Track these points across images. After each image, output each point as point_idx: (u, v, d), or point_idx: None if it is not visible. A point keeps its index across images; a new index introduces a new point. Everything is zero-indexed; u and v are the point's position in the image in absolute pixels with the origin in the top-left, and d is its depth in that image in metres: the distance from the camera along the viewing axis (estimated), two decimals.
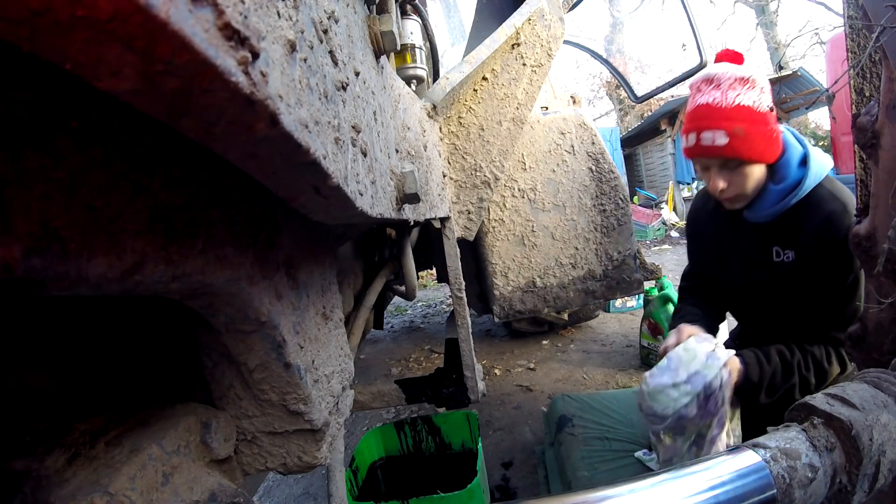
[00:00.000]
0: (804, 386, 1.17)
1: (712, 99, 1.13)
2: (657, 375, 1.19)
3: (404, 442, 1.58)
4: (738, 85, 1.12)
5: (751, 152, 1.13)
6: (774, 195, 1.18)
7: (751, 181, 1.17)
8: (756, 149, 1.13)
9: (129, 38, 0.17)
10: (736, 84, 1.12)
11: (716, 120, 1.12)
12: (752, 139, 1.11)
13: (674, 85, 2.20)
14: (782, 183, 1.17)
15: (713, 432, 1.11)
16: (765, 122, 1.12)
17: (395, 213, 0.60)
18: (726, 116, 1.11)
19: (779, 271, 1.23)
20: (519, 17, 1.39)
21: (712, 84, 1.15)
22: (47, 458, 0.39)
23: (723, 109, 1.12)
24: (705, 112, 1.14)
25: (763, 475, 0.65)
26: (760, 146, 1.13)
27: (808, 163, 1.17)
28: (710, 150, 1.14)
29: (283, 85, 0.25)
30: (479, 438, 1.36)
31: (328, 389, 0.65)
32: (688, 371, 1.14)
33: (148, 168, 0.32)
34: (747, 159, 1.14)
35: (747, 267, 1.31)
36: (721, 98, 1.12)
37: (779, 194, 1.17)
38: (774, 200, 1.18)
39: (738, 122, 1.11)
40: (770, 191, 1.18)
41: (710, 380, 1.12)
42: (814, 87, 8.53)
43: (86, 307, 0.50)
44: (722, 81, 1.13)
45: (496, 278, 1.64)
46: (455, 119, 1.36)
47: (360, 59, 0.48)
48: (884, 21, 0.77)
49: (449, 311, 3.46)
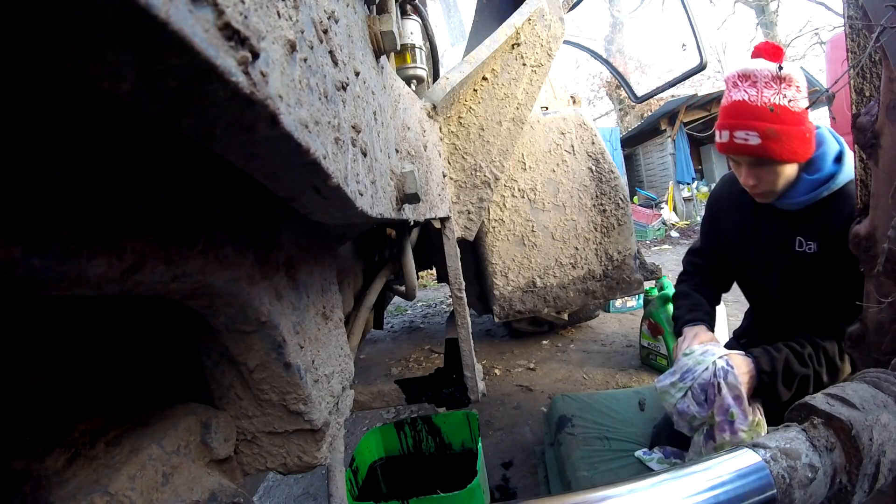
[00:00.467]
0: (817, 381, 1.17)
1: (748, 96, 1.12)
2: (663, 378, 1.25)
3: (404, 442, 1.58)
4: (774, 83, 1.10)
5: (783, 153, 1.12)
6: (807, 185, 1.17)
7: (781, 179, 1.17)
8: (789, 149, 1.12)
9: (129, 38, 0.17)
10: (772, 82, 1.10)
11: (749, 119, 1.11)
12: (785, 140, 1.10)
13: (674, 85, 2.20)
14: (816, 174, 1.16)
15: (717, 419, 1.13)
16: (799, 121, 1.11)
17: (395, 213, 0.60)
18: (760, 116, 1.10)
19: (799, 261, 1.23)
20: (519, 17, 1.39)
21: (748, 80, 1.13)
22: (47, 458, 0.39)
23: (757, 108, 1.10)
24: (739, 110, 1.13)
25: (763, 475, 0.65)
26: (793, 146, 1.12)
27: (843, 159, 1.16)
28: (743, 149, 1.14)
29: (283, 85, 0.25)
30: (479, 438, 1.36)
31: (328, 389, 0.65)
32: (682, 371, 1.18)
33: (148, 168, 0.32)
34: (779, 160, 1.13)
35: (767, 253, 1.31)
36: (756, 96, 1.11)
37: (811, 184, 1.17)
38: (806, 190, 1.17)
39: (772, 122, 1.09)
40: (803, 180, 1.17)
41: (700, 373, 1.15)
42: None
43: (86, 307, 0.50)
44: (758, 78, 1.11)
45: (496, 278, 1.64)
46: (455, 119, 1.36)
47: (360, 59, 0.48)
48: (884, 21, 0.77)
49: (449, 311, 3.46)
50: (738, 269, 1.45)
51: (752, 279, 1.42)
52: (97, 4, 0.15)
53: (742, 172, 1.21)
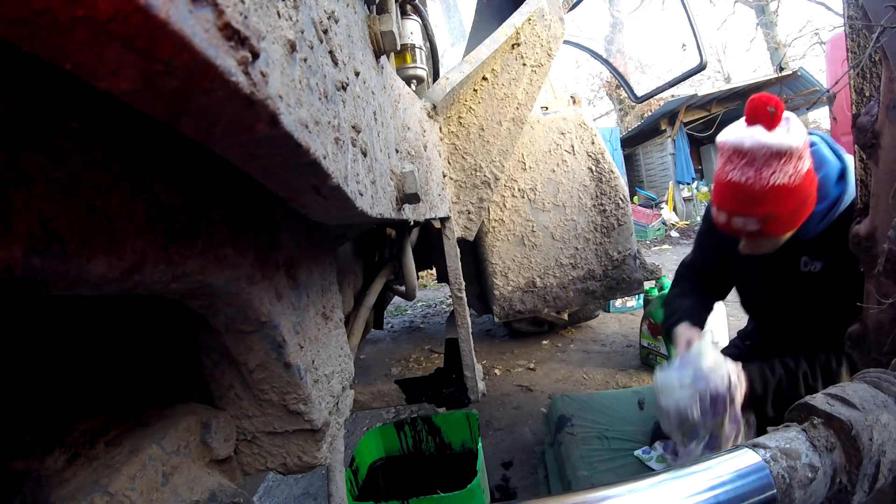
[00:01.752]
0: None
1: (745, 178, 1.01)
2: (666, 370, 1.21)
3: (404, 442, 1.58)
4: (773, 161, 0.99)
5: (786, 229, 1.07)
6: (817, 216, 1.10)
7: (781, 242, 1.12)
8: (793, 224, 1.06)
9: (129, 38, 0.17)
10: (772, 160, 0.99)
11: (747, 205, 1.03)
12: (786, 219, 1.04)
13: (674, 85, 2.20)
14: (822, 203, 1.09)
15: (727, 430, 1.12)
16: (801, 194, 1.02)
17: (395, 213, 0.60)
18: (759, 201, 1.01)
19: (805, 281, 1.18)
20: (519, 17, 1.39)
21: (744, 159, 1.01)
22: (47, 458, 0.39)
23: (755, 193, 1.01)
24: (736, 193, 1.03)
25: (763, 475, 0.65)
26: (796, 219, 1.06)
27: (846, 177, 1.10)
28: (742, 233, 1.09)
29: (283, 85, 0.25)
30: (479, 438, 1.36)
31: (328, 389, 0.65)
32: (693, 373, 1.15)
33: (148, 168, 0.32)
34: (780, 237, 1.09)
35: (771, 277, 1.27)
36: (754, 178, 1.00)
37: (820, 216, 1.11)
38: (817, 220, 1.11)
39: (772, 206, 1.01)
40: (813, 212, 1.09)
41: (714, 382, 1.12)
42: (814, 87, 8.54)
43: (86, 307, 0.50)
44: (756, 158, 1.00)
45: (496, 278, 1.64)
46: (455, 119, 1.36)
47: (360, 59, 0.48)
48: (884, 21, 0.77)
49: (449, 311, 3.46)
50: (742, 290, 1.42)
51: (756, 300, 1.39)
52: (98, 4, 0.15)
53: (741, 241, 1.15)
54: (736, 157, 1.03)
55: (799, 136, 0.99)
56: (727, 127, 1.09)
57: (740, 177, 1.02)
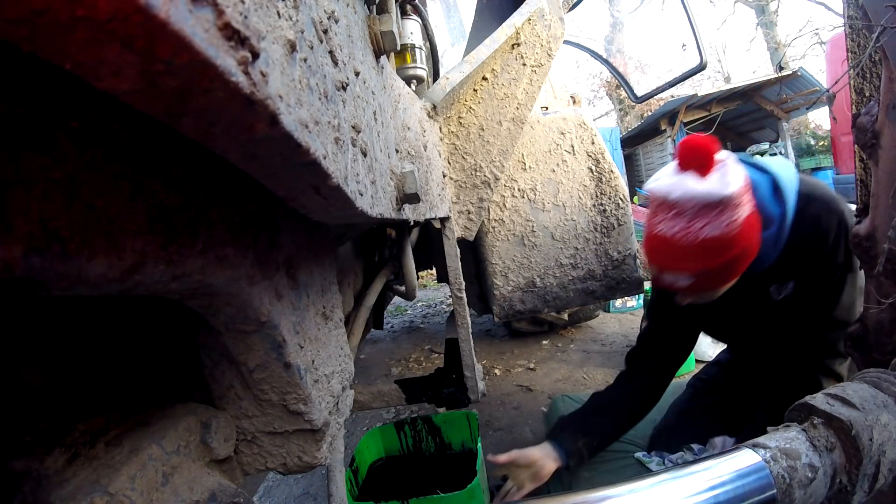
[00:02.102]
0: None
1: (673, 232, 0.91)
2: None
3: (404, 442, 1.58)
4: (705, 213, 0.89)
5: (722, 283, 0.98)
6: (769, 243, 1.01)
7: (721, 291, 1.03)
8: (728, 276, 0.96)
9: (129, 38, 0.17)
10: (703, 212, 0.89)
11: (677, 261, 0.93)
12: (722, 272, 0.94)
13: (674, 85, 2.20)
14: (770, 227, 1.01)
15: None
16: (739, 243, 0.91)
17: (395, 213, 0.60)
18: (689, 257, 0.91)
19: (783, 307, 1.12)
20: (519, 17, 1.39)
21: (673, 211, 0.91)
22: (47, 458, 0.39)
23: (685, 248, 0.90)
24: (664, 248, 0.93)
25: (763, 475, 0.65)
26: (733, 271, 0.96)
27: (779, 187, 1.01)
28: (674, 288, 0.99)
29: (283, 85, 0.25)
30: (479, 438, 1.36)
31: (328, 389, 0.65)
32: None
33: (148, 168, 0.32)
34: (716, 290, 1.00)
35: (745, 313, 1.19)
36: (683, 232, 0.90)
37: (772, 239, 1.02)
38: (771, 247, 1.02)
39: (705, 261, 0.91)
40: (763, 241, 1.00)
41: None
42: (814, 87, 8.53)
43: (86, 307, 0.50)
44: (685, 209, 0.90)
45: (496, 278, 1.64)
46: (455, 119, 1.36)
47: (360, 59, 0.48)
48: (884, 21, 0.77)
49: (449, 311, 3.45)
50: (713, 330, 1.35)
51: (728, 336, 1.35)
52: (97, 4, 0.15)
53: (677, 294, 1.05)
54: (664, 208, 0.93)
55: (735, 182, 0.89)
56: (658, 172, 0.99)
57: (668, 230, 0.92)
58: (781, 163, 1.08)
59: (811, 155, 10.49)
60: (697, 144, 0.91)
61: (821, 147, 10.69)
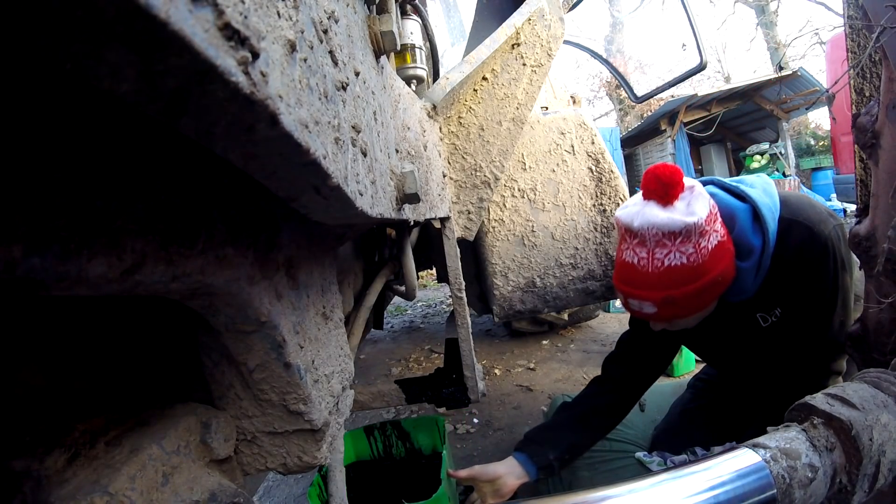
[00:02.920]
0: None
1: (636, 260, 0.92)
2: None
3: (374, 447, 1.57)
4: (667, 241, 0.89)
5: (688, 312, 0.95)
6: (749, 273, 1.00)
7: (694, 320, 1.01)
8: (696, 306, 0.94)
9: (129, 38, 0.17)
10: (664, 240, 0.89)
11: (640, 288, 0.93)
12: (688, 301, 0.92)
13: (674, 85, 2.20)
14: (750, 257, 0.99)
15: None
16: (706, 272, 0.90)
17: (395, 213, 0.60)
18: (652, 284, 0.91)
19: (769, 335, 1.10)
20: (519, 17, 1.39)
21: (636, 238, 0.92)
22: (47, 458, 0.39)
23: (648, 276, 0.91)
24: (629, 275, 0.94)
25: (763, 475, 0.65)
26: (702, 300, 0.94)
27: (760, 216, 0.99)
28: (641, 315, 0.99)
29: (283, 85, 0.25)
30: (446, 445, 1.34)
31: (328, 389, 0.65)
32: None
33: (148, 168, 0.32)
34: (682, 318, 0.97)
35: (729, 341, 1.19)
36: (646, 260, 0.91)
37: (752, 269, 1.01)
38: (751, 277, 1.01)
39: (668, 289, 0.90)
40: (743, 271, 0.99)
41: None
42: (814, 87, 8.53)
43: (86, 307, 0.50)
44: (647, 238, 0.90)
45: (496, 278, 1.64)
46: (455, 119, 1.36)
47: (360, 59, 0.48)
48: (884, 21, 0.77)
49: (449, 311, 3.45)
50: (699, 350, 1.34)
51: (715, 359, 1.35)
52: (97, 4, 0.15)
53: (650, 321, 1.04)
54: (628, 236, 0.95)
55: (700, 210, 0.89)
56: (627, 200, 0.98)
57: (632, 258, 0.93)
58: (762, 185, 1.05)
59: (811, 155, 10.49)
60: (660, 173, 0.91)
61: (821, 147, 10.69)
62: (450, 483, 1.22)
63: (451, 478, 1.19)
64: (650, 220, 0.90)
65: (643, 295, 0.93)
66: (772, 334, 1.10)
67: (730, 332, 1.16)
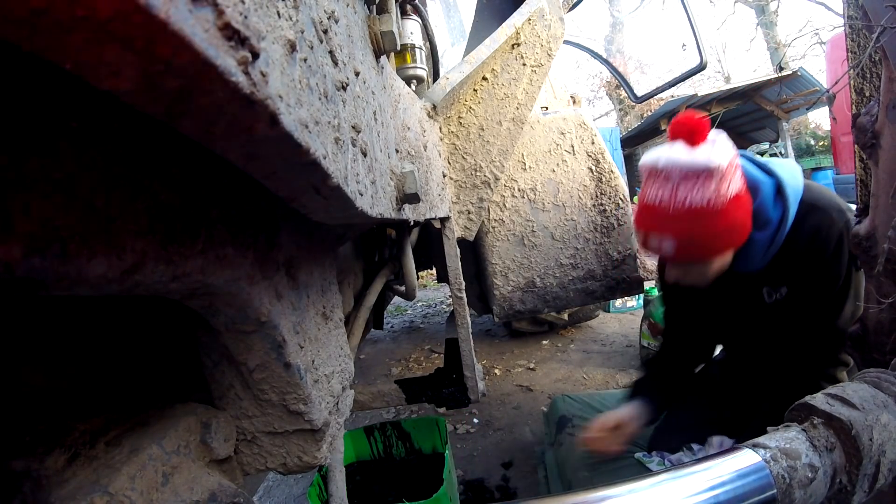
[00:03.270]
0: None
1: (658, 198, 0.97)
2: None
3: (375, 447, 1.57)
4: (689, 180, 0.93)
5: (704, 254, 0.99)
6: (762, 244, 1.04)
7: (710, 272, 1.04)
8: (712, 249, 0.98)
9: (129, 38, 0.17)
10: (688, 179, 0.93)
11: (661, 224, 0.97)
12: (705, 242, 0.96)
13: (674, 85, 2.20)
14: (766, 228, 1.03)
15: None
16: (724, 216, 0.94)
17: (395, 213, 0.60)
18: (673, 221, 0.95)
19: (772, 311, 1.13)
20: (519, 17, 1.39)
21: (660, 177, 0.97)
22: (47, 458, 0.39)
23: (669, 214, 0.95)
24: (651, 212, 0.99)
25: (763, 475, 0.65)
26: (717, 245, 0.98)
27: (783, 191, 1.03)
28: (660, 253, 1.02)
29: (283, 85, 0.25)
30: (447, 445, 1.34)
31: (328, 389, 0.65)
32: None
33: (148, 168, 0.32)
34: (700, 262, 1.01)
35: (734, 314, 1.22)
36: (668, 198, 0.95)
37: (766, 242, 1.04)
38: (763, 249, 1.04)
39: (687, 227, 0.94)
40: (756, 241, 1.03)
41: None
42: (814, 87, 8.53)
43: (86, 307, 0.50)
44: (672, 175, 0.95)
45: (496, 278, 1.64)
46: (455, 119, 1.36)
47: (360, 59, 0.48)
48: (884, 21, 0.77)
49: (449, 311, 3.45)
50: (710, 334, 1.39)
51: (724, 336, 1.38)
52: (97, 4, 0.15)
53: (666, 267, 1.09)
54: (652, 176, 0.99)
55: (723, 157, 0.93)
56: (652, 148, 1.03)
57: (655, 196, 0.97)
58: (790, 167, 1.07)
59: (811, 155, 10.49)
60: (688, 118, 0.96)
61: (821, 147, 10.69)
62: (450, 483, 1.22)
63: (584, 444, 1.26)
64: (675, 159, 0.94)
65: (664, 231, 0.97)
66: (775, 312, 1.12)
67: (735, 305, 1.19)
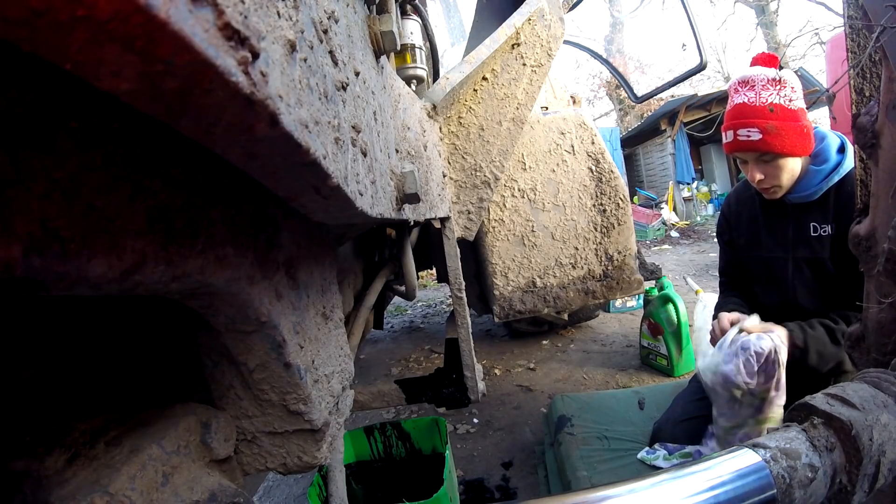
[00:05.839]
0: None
1: (747, 99, 1.25)
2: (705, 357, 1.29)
3: (375, 447, 1.57)
4: (770, 86, 1.23)
5: (783, 146, 1.23)
6: (817, 175, 1.28)
7: (786, 173, 1.27)
8: (788, 143, 1.22)
9: (129, 38, 0.17)
10: (768, 85, 1.23)
11: (750, 118, 1.23)
12: (784, 134, 1.22)
13: (674, 85, 2.20)
14: (824, 164, 1.28)
15: (772, 395, 1.16)
16: (796, 118, 1.22)
17: (395, 213, 0.60)
18: (759, 114, 1.22)
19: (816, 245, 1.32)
20: (519, 17, 1.39)
21: (747, 85, 1.26)
22: (47, 458, 0.39)
23: (756, 108, 1.23)
24: (740, 111, 1.26)
25: (763, 475, 0.65)
26: (792, 140, 1.22)
27: (846, 150, 1.28)
28: (746, 145, 1.25)
29: (283, 85, 0.25)
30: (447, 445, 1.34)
31: (328, 389, 0.65)
32: (740, 342, 1.20)
33: (148, 168, 0.32)
34: (780, 153, 1.24)
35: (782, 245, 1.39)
36: (755, 98, 1.24)
37: (821, 174, 1.28)
38: (817, 180, 1.28)
39: (771, 119, 1.21)
40: (812, 172, 1.28)
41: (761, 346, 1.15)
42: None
43: (85, 307, 0.50)
44: (756, 83, 1.25)
45: (496, 278, 1.64)
46: (455, 119, 1.36)
47: (360, 59, 0.48)
48: (884, 21, 0.77)
49: (449, 311, 3.45)
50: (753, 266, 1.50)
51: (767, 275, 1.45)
52: (97, 4, 0.15)
53: (749, 170, 1.31)
54: (740, 86, 1.28)
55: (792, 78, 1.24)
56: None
57: (744, 98, 1.25)
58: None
59: None
60: (766, 53, 1.29)
61: None
62: (450, 483, 1.22)
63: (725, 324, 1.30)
64: (760, 71, 1.26)
65: (752, 123, 1.23)
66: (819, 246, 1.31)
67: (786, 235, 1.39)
